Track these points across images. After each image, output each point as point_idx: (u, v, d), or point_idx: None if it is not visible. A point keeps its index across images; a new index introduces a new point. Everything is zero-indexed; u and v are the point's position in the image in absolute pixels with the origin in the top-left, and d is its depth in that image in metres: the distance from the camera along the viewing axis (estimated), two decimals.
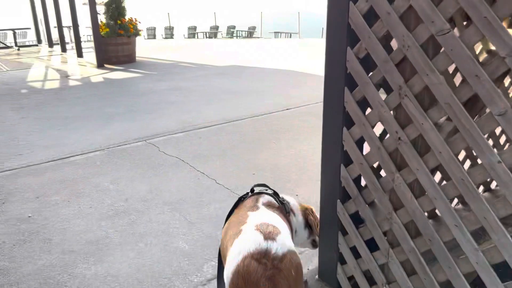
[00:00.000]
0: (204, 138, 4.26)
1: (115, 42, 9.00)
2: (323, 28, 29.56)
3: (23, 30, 14.13)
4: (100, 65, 8.86)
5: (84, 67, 9.04)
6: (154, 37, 20.23)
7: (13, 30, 12.69)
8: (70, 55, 10.81)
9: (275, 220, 1.56)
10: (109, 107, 5.59)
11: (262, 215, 1.61)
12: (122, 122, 4.91)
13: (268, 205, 1.73)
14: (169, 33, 20.88)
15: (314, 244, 1.98)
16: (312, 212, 1.93)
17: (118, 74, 8.07)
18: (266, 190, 1.86)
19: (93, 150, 3.99)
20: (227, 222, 1.72)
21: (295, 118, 4.90)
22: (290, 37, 22.07)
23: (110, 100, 6.05)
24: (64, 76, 8.05)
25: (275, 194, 1.83)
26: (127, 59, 9.26)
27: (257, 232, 1.41)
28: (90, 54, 9.56)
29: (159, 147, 4.04)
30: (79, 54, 10.09)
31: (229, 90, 6.50)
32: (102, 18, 9.23)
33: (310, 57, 9.73)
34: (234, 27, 24.53)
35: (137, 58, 9.63)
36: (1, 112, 5.48)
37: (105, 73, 8.27)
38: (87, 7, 8.63)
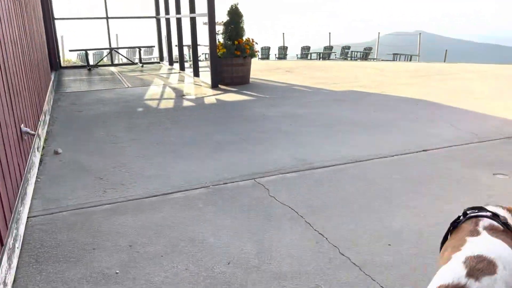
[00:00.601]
0: (322, 183, 3.57)
1: (231, 62, 8.85)
2: (446, 50, 27.25)
3: (149, 48, 15.04)
4: (214, 85, 8.76)
5: (199, 87, 9.03)
6: (268, 57, 20.29)
7: (138, 47, 13.49)
8: (187, 73, 11.03)
9: (500, 252, 1.35)
10: (219, 134, 5.23)
11: (483, 244, 1.44)
12: (231, 153, 4.46)
13: (491, 229, 1.53)
14: (283, 53, 20.79)
15: None
16: None
17: (231, 96, 7.83)
18: (483, 212, 1.63)
19: (197, 187, 3.55)
20: (443, 247, 1.65)
21: (436, 164, 3.96)
22: (410, 59, 20.48)
23: (220, 125, 5.71)
24: (179, 95, 8.05)
25: (494, 216, 1.59)
26: (241, 80, 9.04)
27: (463, 265, 1.30)
28: (206, 73, 9.56)
29: (269, 189, 3.45)
30: (196, 73, 10.20)
31: (348, 120, 5.75)
32: (220, 38, 9.19)
33: (443, 82, 8.51)
34: (348, 48, 23.66)
35: (250, 80, 9.38)
36: (116, 131, 5.45)
37: (219, 94, 8.10)
38: (207, 27, 8.61)
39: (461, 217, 1.68)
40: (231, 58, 8.80)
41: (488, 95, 7.25)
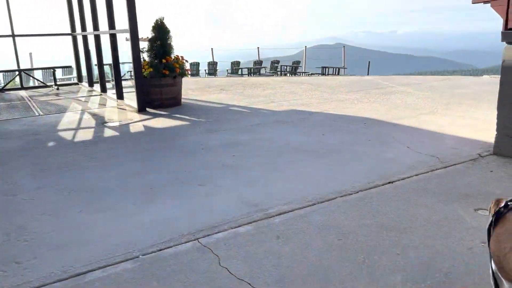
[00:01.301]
0: (285, 240, 2.85)
1: (159, 83, 7.95)
2: (369, 62, 28.25)
3: (66, 68, 13.56)
4: (141, 109, 7.80)
5: (123, 111, 8.00)
6: (198, 74, 19.49)
7: (53, 68, 12.05)
8: (110, 96, 9.89)
9: None
10: (151, 173, 4.35)
11: None
12: (166, 200, 3.61)
13: None
14: (213, 68, 20.12)
15: None
16: None
17: (162, 122, 6.92)
18: None
19: (123, 259, 2.67)
20: (495, 236, 1.64)
21: (409, 200, 3.42)
22: (338, 72, 20.80)
23: (151, 160, 4.82)
24: (101, 123, 6.98)
25: None
26: (171, 102, 8.16)
27: None
28: (131, 94, 8.53)
29: (219, 255, 2.66)
30: (119, 95, 9.12)
31: (297, 146, 5.14)
32: (146, 56, 8.26)
33: (383, 97, 8.28)
34: (277, 62, 23.61)
35: (182, 101, 8.53)
36: (17, 177, 4.35)
37: (147, 119, 7.16)
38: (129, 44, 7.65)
39: (503, 209, 1.69)
40: (159, 78, 7.91)
41: (433, 110, 7.07)
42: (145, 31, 8.72)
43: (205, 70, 20.22)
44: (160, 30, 8.09)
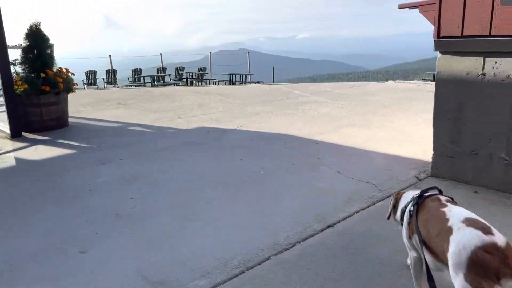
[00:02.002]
0: None
1: (38, 102, 6.51)
2: (274, 68, 28.50)
3: None
4: (16, 134, 6.30)
5: None
6: (95, 83, 17.64)
7: None
8: None
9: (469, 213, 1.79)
10: (18, 235, 3.15)
11: (459, 210, 1.83)
12: (39, 284, 2.50)
13: (448, 201, 1.99)
14: (112, 77, 18.38)
15: None
16: None
17: (41, 151, 5.56)
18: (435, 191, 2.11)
19: None
20: (421, 222, 1.93)
21: (360, 255, 2.71)
22: (245, 79, 20.41)
23: (22, 214, 3.58)
24: None
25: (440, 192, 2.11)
26: (55, 123, 6.76)
27: (472, 228, 1.61)
28: (3, 114, 6.91)
29: None
30: None
31: (213, 178, 4.27)
32: (19, 69, 6.76)
33: (297, 107, 7.77)
34: (182, 69, 22.53)
35: (70, 121, 7.16)
36: None
37: (22, 148, 5.74)
38: None
39: (418, 199, 2.04)
40: (38, 96, 6.48)
41: (351, 121, 6.67)
42: (18, 39, 7.15)
43: (103, 79, 18.39)
44: (36, 38, 6.65)
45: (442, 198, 1.99)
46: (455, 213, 1.77)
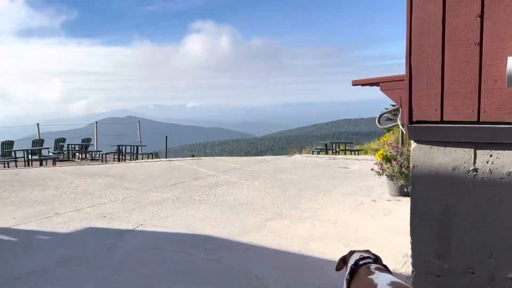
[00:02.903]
0: None
1: None
2: (166, 137, 27.30)
3: None
4: None
5: None
6: None
7: None
8: None
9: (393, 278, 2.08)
10: None
11: (386, 276, 2.11)
12: None
13: (377, 268, 2.22)
14: None
15: None
16: None
17: None
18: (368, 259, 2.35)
19: None
20: None
21: None
22: (137, 151, 18.74)
23: None
24: None
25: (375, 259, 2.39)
26: None
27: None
28: None
29: None
30: None
31: None
32: None
33: (208, 193, 6.54)
34: (64, 140, 19.98)
35: None
36: None
37: None
38: None
39: (353, 266, 2.29)
40: None
41: (277, 211, 5.62)
42: None
43: None
44: None
45: (372, 266, 2.22)
46: (382, 279, 2.05)
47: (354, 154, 17.50)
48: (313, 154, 18.98)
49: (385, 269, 2.26)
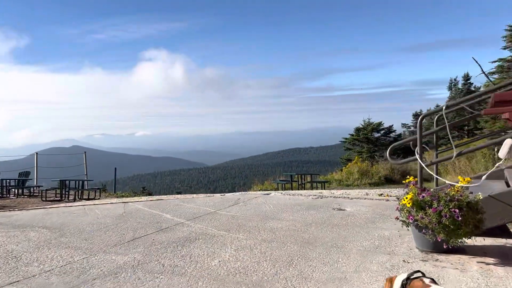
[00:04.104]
0: None
1: None
2: (116, 168, 24.88)
3: None
4: None
5: None
6: None
7: None
8: None
9: None
10: None
11: None
12: None
13: (432, 281, 2.46)
14: None
15: None
16: None
17: None
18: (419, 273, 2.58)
19: None
20: None
21: None
22: (83, 185, 16.33)
23: None
24: None
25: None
26: None
27: None
28: None
29: None
30: None
31: None
32: None
33: (184, 259, 4.79)
34: None
35: None
36: None
37: None
38: None
39: (405, 281, 2.48)
40: None
41: (285, 285, 3.99)
42: None
43: None
44: None
45: (426, 279, 2.46)
46: None
47: (322, 188, 16.24)
48: (278, 186, 17.53)
49: (435, 282, 2.48)
